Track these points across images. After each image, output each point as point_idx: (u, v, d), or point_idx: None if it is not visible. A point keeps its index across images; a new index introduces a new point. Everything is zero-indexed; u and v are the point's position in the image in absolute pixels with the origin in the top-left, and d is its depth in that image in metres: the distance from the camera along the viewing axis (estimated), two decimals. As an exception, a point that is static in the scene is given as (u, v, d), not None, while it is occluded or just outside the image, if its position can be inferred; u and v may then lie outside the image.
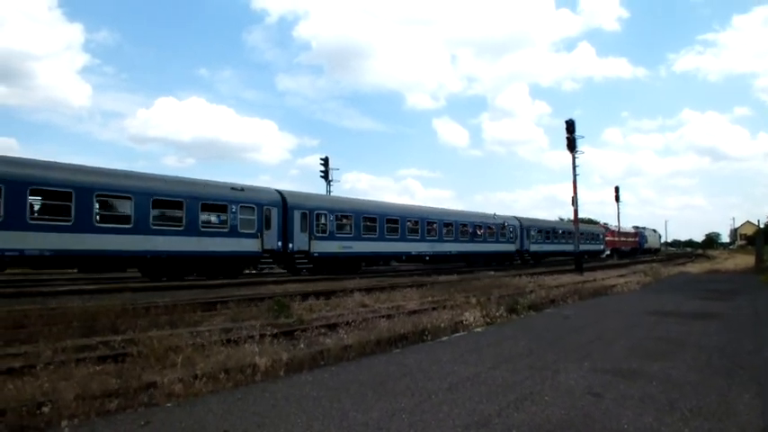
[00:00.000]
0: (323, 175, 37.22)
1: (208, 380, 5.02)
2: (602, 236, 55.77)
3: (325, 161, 37.69)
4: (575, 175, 27.00)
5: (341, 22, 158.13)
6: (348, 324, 8.68)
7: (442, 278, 20.10)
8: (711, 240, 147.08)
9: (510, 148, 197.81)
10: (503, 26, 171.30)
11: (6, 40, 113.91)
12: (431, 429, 3.83)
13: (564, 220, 59.15)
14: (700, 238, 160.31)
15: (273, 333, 7.47)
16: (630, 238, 67.27)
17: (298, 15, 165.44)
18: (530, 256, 39.87)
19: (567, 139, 26.96)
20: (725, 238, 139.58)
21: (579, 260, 27.49)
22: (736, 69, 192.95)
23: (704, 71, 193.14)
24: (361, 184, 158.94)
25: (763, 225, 69.05)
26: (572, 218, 33.12)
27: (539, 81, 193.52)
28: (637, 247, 68.09)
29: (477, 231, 34.17)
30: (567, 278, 21.84)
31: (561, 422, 3.96)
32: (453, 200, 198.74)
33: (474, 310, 9.91)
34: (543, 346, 7.08)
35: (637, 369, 5.68)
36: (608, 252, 56.33)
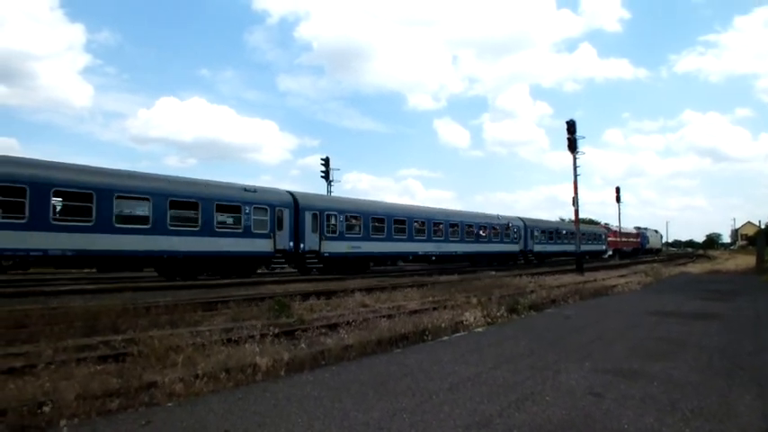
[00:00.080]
0: (323, 175, 37.24)
1: (209, 379, 5.03)
2: (604, 236, 55.99)
3: (326, 161, 37.71)
4: (575, 176, 26.99)
5: (342, 22, 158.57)
6: (349, 324, 8.68)
7: (442, 278, 20.09)
8: (712, 241, 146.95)
9: (511, 148, 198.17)
10: (504, 27, 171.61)
11: (8, 40, 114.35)
12: (432, 429, 3.83)
13: (565, 221, 59.21)
14: (701, 238, 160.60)
15: (274, 333, 7.47)
16: (632, 239, 67.37)
17: (299, 16, 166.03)
18: (533, 257, 40.28)
19: (568, 139, 26.92)
20: (726, 239, 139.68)
21: (580, 260, 27.48)
22: (738, 70, 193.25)
23: (705, 72, 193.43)
24: (362, 185, 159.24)
25: (764, 226, 68.88)
26: (573, 218, 33.10)
27: (540, 82, 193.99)
28: (638, 248, 68.20)
29: (482, 232, 34.46)
30: (568, 278, 21.82)
31: (562, 422, 3.96)
32: (454, 200, 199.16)
33: (475, 310, 9.91)
34: (544, 346, 7.08)
35: (638, 369, 5.67)
36: (610, 252, 56.41)
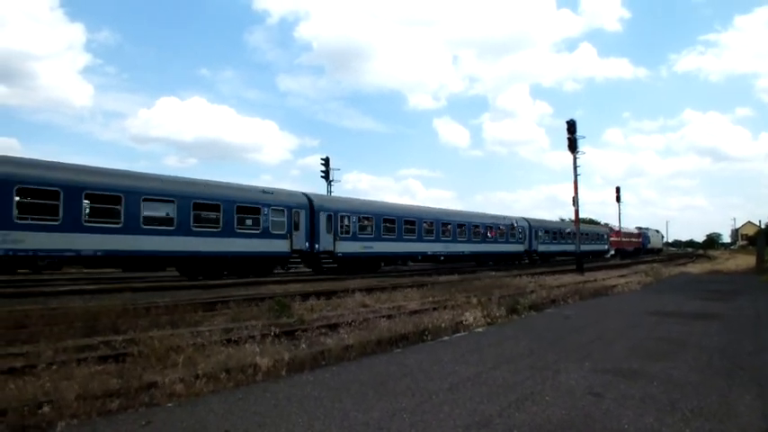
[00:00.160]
0: (323, 175, 37.24)
1: (209, 380, 5.03)
2: (606, 236, 56.38)
3: (326, 161, 37.71)
4: (576, 176, 27.00)
5: (342, 22, 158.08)
6: (349, 324, 8.69)
7: (442, 278, 20.09)
8: (712, 241, 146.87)
9: (511, 148, 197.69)
10: (504, 26, 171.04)
11: (7, 40, 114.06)
12: (432, 429, 3.83)
13: (566, 221, 59.33)
14: (701, 238, 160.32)
15: (274, 333, 7.47)
16: (634, 239, 67.52)
17: (299, 16, 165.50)
18: (537, 256, 41.21)
19: (569, 139, 26.93)
20: (726, 239, 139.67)
21: (580, 260, 27.45)
22: (738, 70, 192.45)
23: (706, 71, 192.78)
24: (362, 185, 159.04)
25: (764, 225, 68.93)
26: (573, 218, 33.13)
27: (540, 81, 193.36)
28: (640, 248, 68.30)
29: (489, 233, 35.34)
30: (568, 278, 21.81)
31: (562, 422, 3.96)
32: (454, 200, 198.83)
33: (475, 311, 9.91)
34: (544, 346, 7.08)
35: (638, 369, 5.68)
36: (612, 252, 56.58)
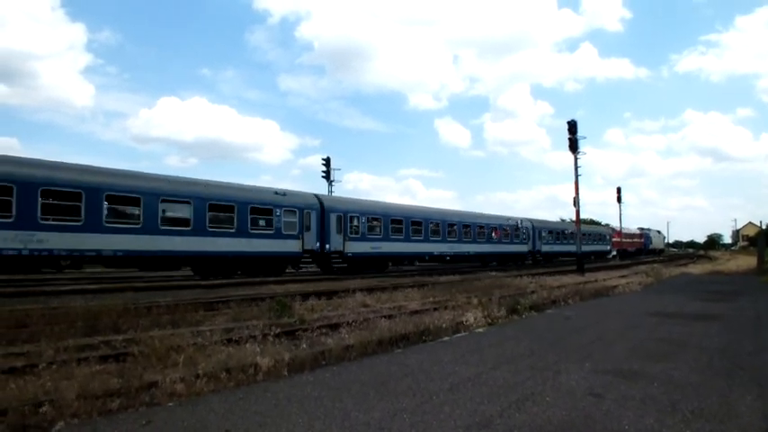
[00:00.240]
0: (324, 175, 37.21)
1: (209, 379, 5.03)
2: (608, 237, 56.55)
3: (327, 161, 37.66)
4: (576, 176, 26.98)
5: (343, 22, 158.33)
6: (350, 324, 8.68)
7: (443, 278, 20.09)
8: (713, 241, 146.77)
9: (512, 148, 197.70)
10: (505, 26, 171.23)
11: (9, 40, 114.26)
12: (432, 430, 3.83)
13: (566, 221, 59.39)
14: (701, 239, 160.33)
15: (275, 333, 7.47)
16: (636, 239, 67.57)
17: (300, 16, 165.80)
18: (541, 257, 41.91)
19: (569, 139, 26.92)
20: (727, 239, 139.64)
21: (581, 261, 27.42)
22: (739, 70, 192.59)
23: (707, 72, 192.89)
24: (363, 184, 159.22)
25: (765, 226, 68.94)
26: (573, 218, 33.10)
27: (541, 81, 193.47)
28: (642, 248, 68.38)
29: (494, 233, 35.85)
30: (569, 279, 21.81)
31: (562, 423, 3.96)
32: (454, 200, 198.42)
33: (475, 311, 9.91)
34: (544, 346, 7.08)
35: (638, 370, 5.67)
36: (614, 253, 56.63)
